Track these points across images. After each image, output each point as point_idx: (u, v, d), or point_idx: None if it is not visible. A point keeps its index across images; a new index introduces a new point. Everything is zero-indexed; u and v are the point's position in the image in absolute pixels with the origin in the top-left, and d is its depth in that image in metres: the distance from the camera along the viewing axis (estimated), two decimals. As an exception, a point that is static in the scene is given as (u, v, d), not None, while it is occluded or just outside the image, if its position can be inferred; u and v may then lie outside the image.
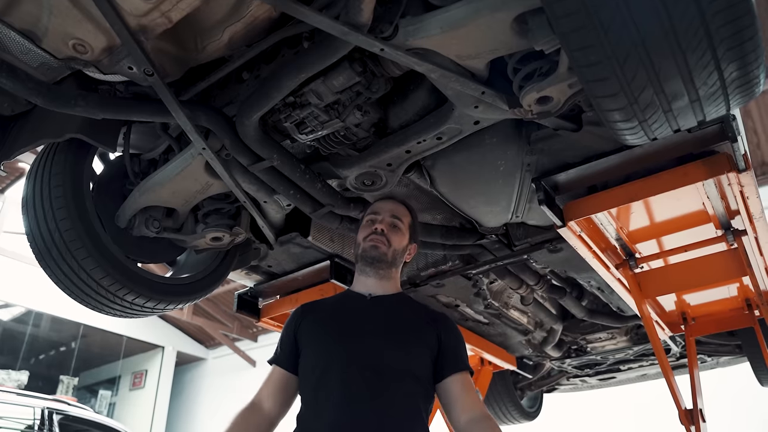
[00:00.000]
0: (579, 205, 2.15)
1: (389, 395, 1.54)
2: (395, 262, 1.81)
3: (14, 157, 1.88)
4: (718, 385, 5.53)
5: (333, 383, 1.55)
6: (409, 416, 1.56)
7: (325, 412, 1.53)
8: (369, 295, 1.76)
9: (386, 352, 1.57)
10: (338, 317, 1.74)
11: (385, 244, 1.77)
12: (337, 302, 1.86)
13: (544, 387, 5.28)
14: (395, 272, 1.83)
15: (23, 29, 1.41)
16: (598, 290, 3.15)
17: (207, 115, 1.77)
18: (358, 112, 1.77)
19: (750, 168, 1.89)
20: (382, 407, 1.52)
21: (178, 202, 2.12)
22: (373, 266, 1.77)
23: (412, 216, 1.92)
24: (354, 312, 1.73)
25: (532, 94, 1.52)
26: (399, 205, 1.91)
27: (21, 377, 9.25)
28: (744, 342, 4.10)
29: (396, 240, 1.81)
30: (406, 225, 1.86)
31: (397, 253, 1.81)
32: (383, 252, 1.77)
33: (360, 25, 1.40)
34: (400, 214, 1.86)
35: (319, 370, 1.60)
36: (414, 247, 1.91)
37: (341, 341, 1.63)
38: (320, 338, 1.69)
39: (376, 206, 1.90)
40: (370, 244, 1.77)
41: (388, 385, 1.55)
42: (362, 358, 1.58)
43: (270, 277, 2.97)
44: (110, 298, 2.05)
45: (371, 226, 1.81)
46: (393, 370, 1.57)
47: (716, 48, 1.16)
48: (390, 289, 1.81)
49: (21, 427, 4.84)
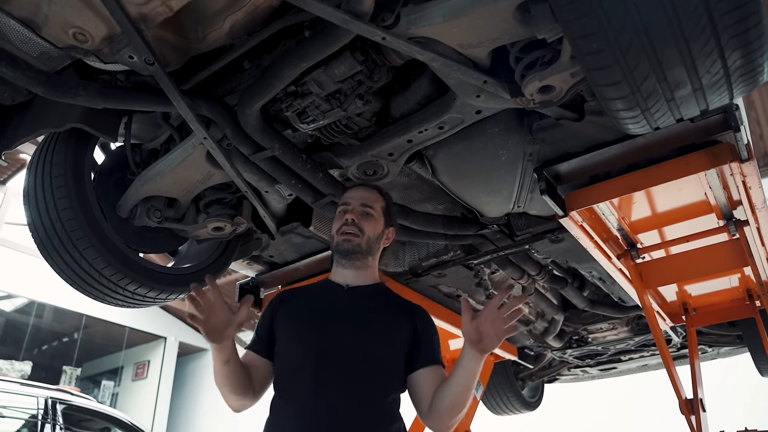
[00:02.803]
0: (581, 195, 2.15)
1: (362, 386, 1.55)
2: (371, 250, 1.78)
3: (15, 147, 1.88)
4: (716, 376, 5.54)
5: (307, 373, 1.55)
6: (382, 407, 1.57)
7: (299, 401, 1.54)
8: (346, 285, 1.75)
9: (360, 343, 1.56)
10: (315, 307, 1.73)
11: (357, 234, 1.74)
12: (315, 292, 1.83)
13: (545, 377, 5.30)
14: (372, 260, 1.81)
15: (23, 18, 1.40)
16: (600, 281, 3.15)
17: (208, 105, 1.77)
18: (360, 101, 1.77)
19: (753, 158, 1.88)
20: (355, 398, 1.53)
21: (179, 192, 2.12)
22: (348, 258, 1.75)
23: (385, 200, 1.87)
24: (331, 302, 1.72)
25: (534, 84, 1.51)
26: (370, 191, 1.86)
27: (24, 368, 9.29)
28: (745, 332, 4.11)
29: (369, 227, 1.77)
30: (379, 210, 1.82)
31: (371, 240, 1.78)
32: (357, 243, 1.74)
33: (361, 13, 1.39)
34: (371, 200, 1.82)
35: (294, 359, 1.60)
36: (391, 231, 1.87)
37: (316, 332, 1.63)
38: (296, 328, 1.68)
39: (346, 196, 1.85)
40: (342, 237, 1.74)
41: (361, 376, 1.55)
42: (336, 349, 1.57)
43: (271, 267, 2.97)
44: (112, 287, 2.06)
45: (343, 218, 1.77)
46: (367, 362, 1.56)
47: (720, 35, 1.15)
48: (367, 278, 1.79)
49: (25, 416, 4.86)
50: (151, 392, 14.15)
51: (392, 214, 1.89)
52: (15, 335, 12.98)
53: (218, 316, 1.50)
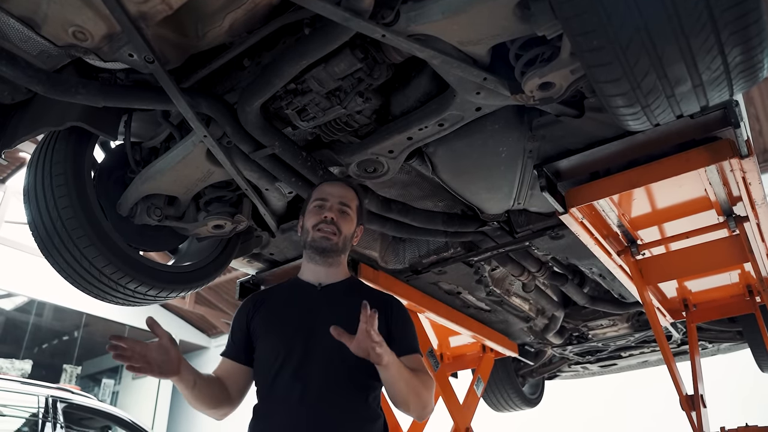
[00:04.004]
0: (581, 192, 2.15)
1: (344, 387, 1.56)
2: (345, 248, 1.79)
3: (15, 145, 1.87)
4: (717, 372, 5.55)
5: (288, 376, 1.56)
6: (364, 406, 1.58)
7: (281, 403, 1.55)
8: (319, 284, 1.75)
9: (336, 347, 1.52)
10: (290, 309, 1.73)
11: (335, 233, 1.74)
12: (287, 292, 1.82)
13: (546, 374, 5.31)
14: (343, 257, 1.82)
15: (22, 16, 1.40)
16: (600, 277, 3.15)
17: (208, 103, 1.77)
18: (360, 98, 1.76)
19: (753, 154, 1.88)
20: (337, 399, 1.54)
21: (179, 190, 2.12)
22: (323, 255, 1.75)
23: (359, 198, 1.87)
24: (305, 303, 1.71)
25: (534, 80, 1.51)
26: (347, 189, 1.85)
27: (24, 366, 9.31)
28: (745, 328, 4.11)
29: (345, 227, 1.77)
30: (354, 209, 1.82)
31: (347, 239, 1.79)
32: (335, 242, 1.74)
33: (361, 11, 1.39)
34: (348, 199, 1.81)
35: (275, 362, 1.60)
36: (360, 229, 1.87)
37: (294, 334, 1.63)
38: (274, 331, 1.68)
39: (323, 191, 1.82)
40: (320, 234, 1.74)
41: (342, 377, 1.57)
42: (315, 350, 1.58)
43: (272, 265, 2.97)
44: (112, 286, 2.06)
45: (320, 214, 1.76)
46: (346, 362, 1.54)
47: (720, 32, 1.15)
48: (339, 275, 1.79)
49: (25, 415, 4.86)
50: (151, 390, 14.16)
51: (363, 211, 1.90)
52: (15, 334, 12.98)
53: (153, 353, 1.48)
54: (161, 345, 1.50)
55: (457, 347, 4.42)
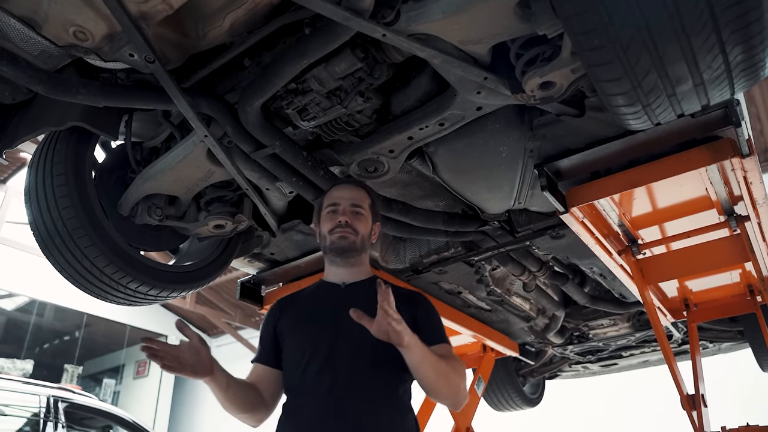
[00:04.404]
0: (581, 191, 2.15)
1: (372, 383, 1.58)
2: (364, 247, 1.81)
3: (16, 145, 1.88)
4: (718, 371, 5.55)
5: (315, 371, 1.58)
6: (393, 401, 1.59)
7: (310, 396, 1.58)
8: (342, 283, 1.77)
9: (365, 340, 1.54)
10: (315, 309, 1.75)
11: (352, 233, 1.76)
12: (312, 294, 1.85)
13: (546, 373, 5.31)
14: (365, 256, 1.83)
15: (23, 16, 1.40)
16: (601, 276, 3.15)
17: (209, 103, 1.77)
18: (360, 98, 1.76)
19: (754, 153, 1.88)
20: (364, 390, 1.56)
21: (180, 189, 2.12)
22: (344, 256, 1.77)
23: (371, 196, 1.89)
24: (330, 303, 1.73)
25: (535, 80, 1.51)
26: (357, 190, 1.86)
27: (26, 366, 9.31)
28: (746, 328, 4.11)
29: (361, 226, 1.79)
30: (367, 208, 1.83)
31: (365, 238, 1.80)
32: (352, 241, 1.76)
33: (362, 10, 1.39)
34: (359, 199, 1.83)
35: (302, 359, 1.62)
36: (377, 226, 1.89)
37: (320, 331, 1.65)
38: (301, 330, 1.71)
39: (334, 196, 1.84)
40: (337, 236, 1.75)
41: (370, 373, 1.58)
42: (341, 345, 1.60)
43: (273, 265, 2.97)
44: (113, 285, 2.06)
45: (334, 219, 1.78)
46: (374, 358, 1.57)
47: (721, 30, 1.15)
48: (362, 274, 1.81)
49: (27, 414, 4.87)
50: (152, 390, 14.18)
51: (377, 209, 1.91)
52: (16, 334, 13.00)
53: (185, 354, 1.50)
54: (191, 345, 1.52)
55: (457, 347, 4.42)
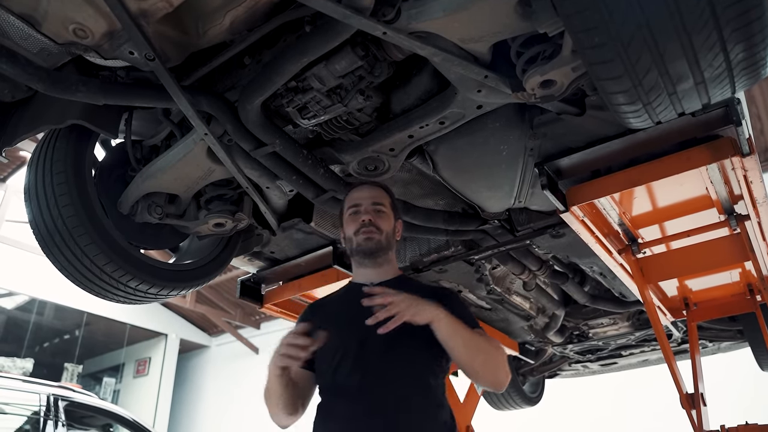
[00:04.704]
0: (582, 190, 2.15)
1: (401, 378, 1.60)
2: (390, 245, 1.84)
3: (15, 143, 1.87)
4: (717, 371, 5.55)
5: (346, 370, 1.61)
6: (425, 396, 1.60)
7: (341, 396, 1.62)
8: (370, 283, 1.77)
9: (394, 338, 1.58)
10: (344, 311, 1.78)
11: (376, 232, 1.80)
12: (341, 296, 1.89)
13: (546, 372, 5.30)
14: (391, 254, 1.87)
15: (23, 14, 1.40)
16: (601, 276, 3.15)
17: (209, 101, 1.77)
18: (361, 96, 1.76)
19: (754, 152, 1.88)
20: (395, 390, 1.57)
21: (180, 188, 2.12)
22: (371, 257, 1.81)
23: (389, 195, 1.93)
24: (358, 304, 1.74)
25: (536, 78, 1.51)
26: (376, 189, 1.91)
27: (26, 365, 9.30)
28: (745, 327, 4.10)
29: (385, 224, 1.83)
30: (388, 206, 1.88)
31: (389, 236, 1.84)
32: (378, 240, 1.79)
33: (362, 8, 1.39)
34: (380, 198, 1.87)
35: (332, 360, 1.66)
36: (400, 223, 1.93)
37: (349, 331, 1.68)
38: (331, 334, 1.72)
39: (354, 197, 1.88)
40: (363, 237, 1.79)
41: (399, 365, 1.61)
42: (370, 343, 1.61)
43: (272, 264, 2.97)
44: (113, 284, 2.06)
45: (357, 220, 1.81)
46: (403, 355, 1.60)
47: (722, 28, 1.15)
48: (389, 273, 1.84)
49: (27, 413, 4.87)
50: (152, 389, 14.17)
51: (397, 207, 1.95)
52: (16, 333, 13.00)
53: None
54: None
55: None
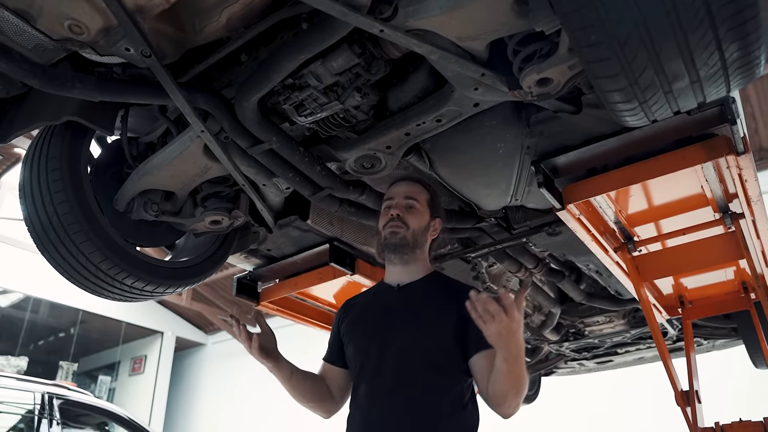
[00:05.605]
0: (578, 188, 2.15)
1: (416, 387, 1.60)
2: (417, 243, 1.82)
3: (10, 140, 1.87)
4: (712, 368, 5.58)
5: (366, 377, 1.65)
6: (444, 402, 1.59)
7: (360, 403, 1.65)
8: (397, 285, 1.81)
9: (415, 344, 1.62)
10: (370, 313, 1.81)
11: (402, 227, 1.79)
12: (370, 296, 1.91)
13: (542, 370, 5.31)
14: (420, 253, 1.85)
15: (18, 9, 1.39)
16: (597, 274, 3.15)
17: (205, 98, 1.76)
18: (357, 94, 1.76)
19: (749, 151, 1.88)
20: (408, 399, 1.58)
21: (176, 185, 2.11)
22: (396, 252, 1.81)
23: (429, 192, 1.92)
24: (383, 306, 1.80)
25: (532, 76, 1.51)
26: (413, 185, 1.91)
27: (20, 363, 9.29)
28: (740, 325, 4.12)
29: (413, 221, 1.82)
30: (423, 203, 1.87)
31: (417, 233, 1.82)
32: (402, 236, 1.79)
33: (359, 5, 1.38)
34: (414, 193, 1.87)
35: (356, 365, 1.70)
36: (438, 222, 1.91)
37: (371, 336, 1.71)
38: (356, 334, 1.78)
39: (390, 191, 1.91)
40: (389, 230, 1.80)
41: (413, 377, 1.61)
42: (389, 351, 1.64)
43: (269, 261, 2.97)
44: (109, 281, 2.05)
45: (388, 213, 1.83)
46: (423, 361, 1.61)
47: (718, 28, 1.15)
48: (418, 272, 1.83)
49: (21, 411, 4.85)
50: (148, 387, 14.15)
51: (438, 205, 1.94)
52: (11, 331, 12.95)
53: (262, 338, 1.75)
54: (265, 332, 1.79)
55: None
